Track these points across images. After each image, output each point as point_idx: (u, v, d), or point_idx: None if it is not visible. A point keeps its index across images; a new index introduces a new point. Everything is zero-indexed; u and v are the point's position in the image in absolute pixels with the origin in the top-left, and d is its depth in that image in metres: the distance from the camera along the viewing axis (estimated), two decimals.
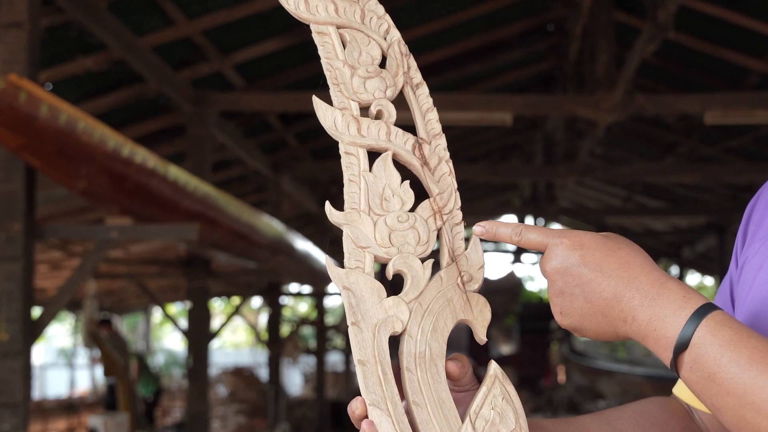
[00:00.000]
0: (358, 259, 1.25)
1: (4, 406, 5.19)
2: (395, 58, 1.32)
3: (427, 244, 1.26)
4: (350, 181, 1.27)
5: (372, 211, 1.26)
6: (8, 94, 4.57)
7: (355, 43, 1.32)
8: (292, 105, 9.42)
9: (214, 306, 28.06)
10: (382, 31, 1.33)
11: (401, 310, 1.23)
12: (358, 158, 1.27)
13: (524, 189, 19.24)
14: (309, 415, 17.26)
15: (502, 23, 10.62)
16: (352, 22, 1.32)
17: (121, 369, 11.63)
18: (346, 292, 1.23)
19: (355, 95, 1.29)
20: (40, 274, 11.69)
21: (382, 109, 1.29)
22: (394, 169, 1.28)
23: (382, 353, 1.20)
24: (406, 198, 1.27)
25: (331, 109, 1.29)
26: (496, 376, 1.23)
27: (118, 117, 9.27)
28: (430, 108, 1.31)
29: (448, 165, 1.29)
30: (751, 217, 1.43)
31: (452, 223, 1.27)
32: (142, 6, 7.57)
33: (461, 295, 1.25)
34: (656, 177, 13.76)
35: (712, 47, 9.80)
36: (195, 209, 6.79)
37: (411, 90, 1.31)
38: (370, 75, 1.30)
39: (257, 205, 12.33)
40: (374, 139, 1.28)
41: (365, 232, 1.25)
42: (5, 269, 5.24)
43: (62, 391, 24.89)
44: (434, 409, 1.19)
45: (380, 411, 1.18)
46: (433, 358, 1.21)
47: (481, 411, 1.20)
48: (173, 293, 17.97)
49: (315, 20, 1.32)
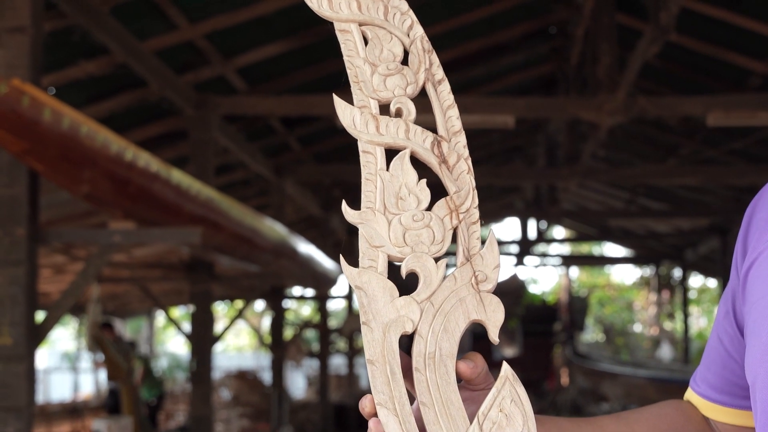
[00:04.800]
0: (372, 258, 1.24)
1: (8, 410, 5.19)
2: (417, 54, 1.31)
3: (442, 243, 1.24)
4: (367, 179, 1.26)
5: (387, 210, 1.25)
6: (11, 98, 4.57)
7: (377, 40, 1.31)
8: (294, 108, 9.43)
9: (218, 309, 28.06)
10: (406, 28, 1.32)
11: (412, 310, 1.22)
12: (375, 157, 1.26)
13: (527, 192, 19.22)
14: (312, 418, 17.25)
15: (504, 26, 10.62)
16: (375, 18, 1.31)
17: (125, 373, 11.64)
18: (358, 291, 1.22)
19: (374, 93, 1.28)
20: (43, 278, 11.70)
21: (401, 107, 1.28)
22: (412, 167, 1.27)
23: (392, 353, 1.20)
24: (423, 197, 1.26)
25: (350, 108, 1.28)
26: (506, 378, 1.22)
27: (121, 121, 9.28)
28: (451, 105, 1.30)
29: (467, 163, 1.28)
30: (750, 228, 1.42)
31: (469, 222, 1.26)
32: (144, 10, 7.58)
33: (474, 295, 1.23)
34: (659, 179, 13.75)
35: (715, 49, 9.80)
36: (198, 213, 6.80)
37: (432, 86, 1.30)
38: (390, 72, 1.29)
39: (260, 208, 12.33)
40: (392, 138, 1.27)
41: (379, 231, 1.24)
42: (9, 273, 5.24)
43: (66, 395, 24.87)
44: (441, 409, 1.19)
45: (387, 410, 1.18)
46: (443, 358, 1.21)
47: (489, 412, 1.20)
48: (176, 297, 17.99)
49: (338, 18, 1.31)
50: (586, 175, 13.26)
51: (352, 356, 20.47)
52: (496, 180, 14.64)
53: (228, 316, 27.82)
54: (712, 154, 13.48)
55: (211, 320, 9.56)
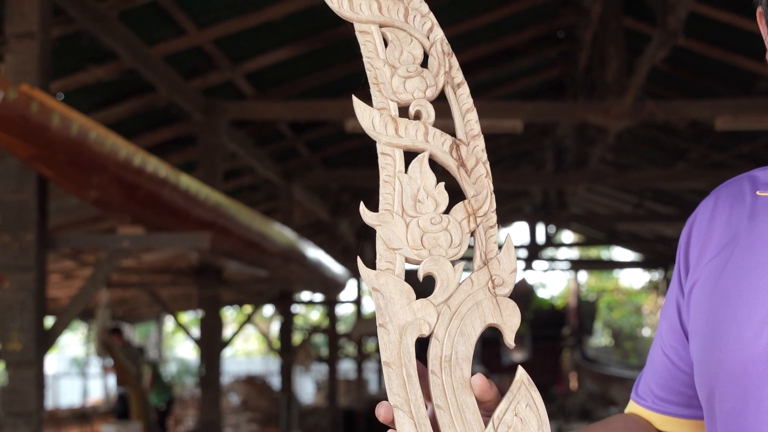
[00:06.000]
0: (389, 260, 1.24)
1: (17, 415, 5.20)
2: (437, 57, 1.30)
3: (460, 247, 1.25)
4: (385, 182, 1.26)
5: (405, 212, 1.25)
6: (20, 104, 4.58)
7: (397, 41, 1.31)
8: (302, 113, 9.43)
9: (226, 314, 28.08)
10: (426, 30, 1.31)
11: (429, 313, 1.22)
12: (394, 159, 1.26)
13: (535, 196, 19.23)
14: (321, 423, 17.25)
15: (512, 30, 10.62)
16: (395, 20, 1.31)
17: (134, 378, 11.65)
18: (375, 294, 1.22)
19: (394, 95, 1.28)
20: (52, 283, 11.72)
21: (420, 110, 1.28)
22: (430, 170, 1.27)
23: (408, 356, 1.20)
24: (441, 200, 1.26)
25: (369, 110, 1.28)
26: (522, 382, 1.22)
27: (130, 126, 9.29)
28: (470, 108, 1.30)
29: (485, 166, 1.27)
30: (690, 246, 1.46)
31: (486, 226, 1.26)
32: (152, 16, 7.60)
33: (491, 299, 1.24)
34: (667, 183, 13.75)
35: (723, 53, 9.79)
36: (206, 218, 6.80)
37: (452, 89, 1.30)
38: (410, 74, 1.29)
39: (268, 213, 12.35)
40: (411, 140, 1.27)
41: (397, 233, 1.24)
42: (18, 279, 5.25)
43: (75, 400, 24.92)
44: (456, 413, 1.19)
45: (403, 413, 1.18)
46: (458, 361, 1.21)
47: (504, 416, 1.20)
48: (185, 302, 17.99)
49: (358, 19, 1.30)
50: (595, 180, 13.25)
51: (361, 361, 20.47)
52: (505, 184, 14.62)
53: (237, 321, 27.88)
54: (720, 157, 13.46)
55: (220, 325, 9.56)
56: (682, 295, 1.44)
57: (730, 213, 1.44)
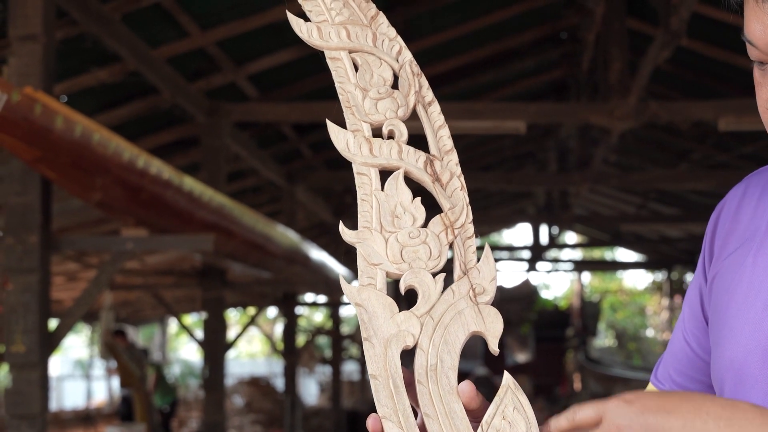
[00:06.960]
0: (371, 275, 1.27)
1: (21, 417, 5.21)
2: (407, 78, 1.34)
3: (439, 259, 1.28)
4: (363, 200, 1.29)
5: (384, 228, 1.28)
6: (23, 106, 4.59)
7: (367, 65, 1.35)
8: (306, 115, 9.44)
9: (230, 316, 28.10)
10: (394, 53, 1.35)
11: (412, 325, 1.25)
12: (370, 178, 1.30)
13: (538, 197, 19.22)
14: (325, 424, 17.27)
15: (514, 31, 10.62)
16: (364, 45, 1.35)
17: (138, 380, 11.66)
18: (358, 309, 1.25)
19: (366, 117, 1.32)
20: (56, 285, 11.71)
21: (393, 129, 1.32)
22: (406, 186, 1.30)
23: (394, 367, 1.23)
24: (418, 214, 1.29)
25: (343, 132, 1.32)
26: (508, 386, 1.24)
27: (133, 128, 9.30)
28: (442, 125, 1.33)
29: (459, 180, 1.30)
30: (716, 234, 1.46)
31: (464, 237, 1.29)
32: (155, 18, 7.60)
33: (473, 307, 1.26)
34: (670, 184, 13.74)
35: (726, 54, 9.78)
36: (210, 220, 6.81)
37: (423, 108, 1.33)
38: (381, 96, 1.32)
39: (272, 215, 12.35)
40: (386, 159, 1.30)
41: (377, 249, 1.27)
42: (22, 281, 5.26)
43: (79, 402, 24.94)
44: (445, 420, 1.21)
45: (392, 423, 1.20)
46: (444, 370, 1.23)
47: (492, 421, 1.22)
48: (189, 304, 18.00)
49: (327, 46, 1.37)
50: (598, 181, 13.25)
51: (365, 362, 20.44)
52: (508, 185, 14.63)
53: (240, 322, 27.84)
54: (724, 158, 13.46)
55: (224, 327, 9.57)
56: (705, 282, 1.45)
57: (757, 204, 1.44)
